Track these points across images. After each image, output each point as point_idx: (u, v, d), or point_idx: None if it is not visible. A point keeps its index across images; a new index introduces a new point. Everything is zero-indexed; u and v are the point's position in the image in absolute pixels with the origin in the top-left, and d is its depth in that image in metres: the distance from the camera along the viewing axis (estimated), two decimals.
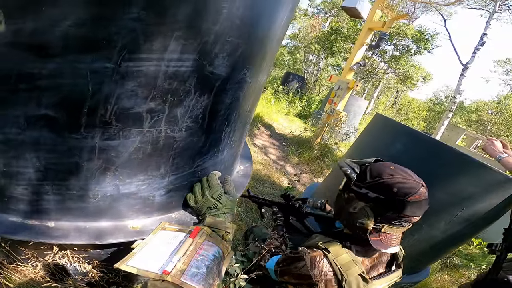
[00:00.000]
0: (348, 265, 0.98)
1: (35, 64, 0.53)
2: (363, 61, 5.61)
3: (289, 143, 5.82)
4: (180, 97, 0.66)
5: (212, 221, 0.82)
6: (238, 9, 0.64)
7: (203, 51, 0.63)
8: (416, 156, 1.71)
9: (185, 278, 0.63)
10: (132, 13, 0.52)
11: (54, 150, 0.62)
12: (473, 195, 1.59)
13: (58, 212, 0.71)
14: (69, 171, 0.66)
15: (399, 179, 0.92)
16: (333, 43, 13.52)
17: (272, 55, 0.99)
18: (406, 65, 13.80)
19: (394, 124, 2.10)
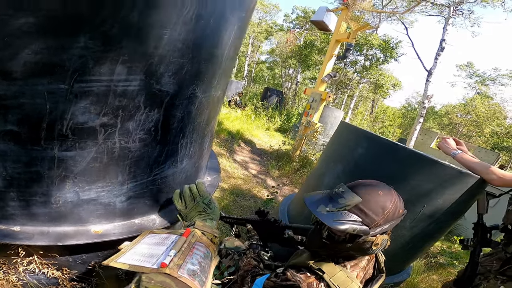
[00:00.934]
0: (345, 283, 0.95)
1: (1, 86, 0.62)
2: (333, 73, 5.91)
3: (269, 157, 5.94)
4: (131, 112, 0.77)
5: (202, 224, 0.89)
6: (179, 34, 0.76)
7: (149, 72, 0.74)
8: (376, 158, 1.81)
9: (182, 272, 0.65)
10: (80, 43, 0.62)
11: (19, 160, 0.71)
12: (430, 191, 1.66)
13: (23, 217, 0.78)
14: (32, 179, 0.74)
15: (393, 199, 0.94)
16: (307, 57, 14.12)
17: (225, 71, 1.11)
18: (376, 74, 14.54)
19: (355, 129, 2.23)
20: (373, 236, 0.93)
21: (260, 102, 10.46)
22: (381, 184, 1.00)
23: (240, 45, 1.18)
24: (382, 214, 0.91)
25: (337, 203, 0.93)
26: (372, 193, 0.94)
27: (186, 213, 0.96)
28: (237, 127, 7.00)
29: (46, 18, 0.60)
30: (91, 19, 0.63)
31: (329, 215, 0.91)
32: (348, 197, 0.93)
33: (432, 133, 10.10)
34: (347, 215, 0.91)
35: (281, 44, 17.49)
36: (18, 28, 0.59)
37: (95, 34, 0.64)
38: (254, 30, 20.00)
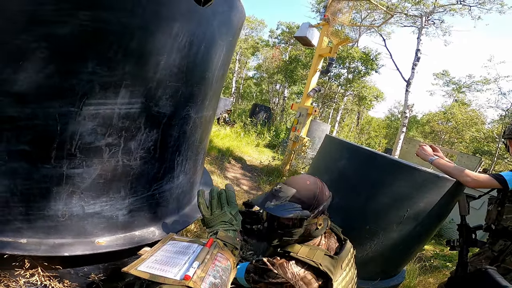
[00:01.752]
0: (311, 253, 1.12)
1: (15, 108, 0.70)
2: (318, 87, 6.13)
3: (260, 173, 6.02)
4: (133, 133, 0.85)
5: (224, 235, 0.87)
6: (174, 60, 0.86)
7: (148, 95, 0.83)
8: (358, 167, 1.91)
9: (204, 286, 0.63)
10: (88, 68, 0.71)
11: (29, 177, 0.76)
12: (411, 196, 1.76)
13: (30, 230, 0.82)
14: (41, 195, 0.79)
15: (318, 186, 1.16)
16: (293, 72, 14.53)
17: (215, 92, 1.22)
18: (359, 87, 15.06)
19: (338, 142, 2.35)
20: (315, 217, 1.14)
21: (249, 118, 10.62)
22: (306, 176, 1.21)
23: (228, 66, 1.30)
24: (314, 199, 1.12)
25: (278, 197, 1.12)
26: (302, 184, 1.15)
27: (209, 220, 0.94)
28: (227, 145, 7.09)
29: (57, 45, 0.69)
30: (98, 46, 0.72)
31: (275, 208, 1.09)
32: (286, 190, 1.13)
33: (415, 141, 10.48)
34: (290, 205, 1.09)
35: (267, 60, 17.92)
36: (32, 52, 0.67)
37: (101, 60, 0.72)
38: (241, 46, 20.44)
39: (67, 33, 0.68)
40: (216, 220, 0.94)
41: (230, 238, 0.89)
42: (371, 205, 1.81)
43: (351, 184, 1.90)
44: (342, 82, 15.74)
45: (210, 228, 0.94)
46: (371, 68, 14.72)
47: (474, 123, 15.94)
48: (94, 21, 0.70)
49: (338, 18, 6.10)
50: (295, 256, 1.11)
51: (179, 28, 0.84)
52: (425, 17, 10.15)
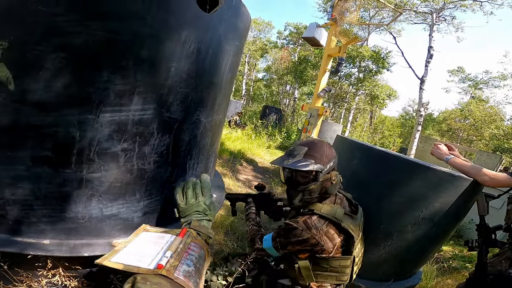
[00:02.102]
0: (333, 210, 1.22)
1: (38, 117, 0.75)
2: (328, 87, 6.10)
3: (271, 174, 6.03)
4: (146, 138, 0.89)
5: (197, 225, 0.88)
6: (184, 66, 0.90)
7: (160, 101, 0.87)
8: (371, 167, 1.89)
9: (178, 274, 0.65)
10: (104, 77, 0.75)
11: (52, 182, 0.81)
12: (426, 196, 1.71)
13: (52, 232, 0.87)
14: (63, 198, 0.84)
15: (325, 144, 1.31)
16: (303, 72, 14.43)
17: (225, 96, 1.25)
18: (370, 86, 14.79)
19: (350, 142, 2.35)
20: (328, 173, 1.25)
21: (260, 120, 10.63)
22: (314, 138, 1.39)
23: (237, 69, 1.33)
24: (324, 155, 1.24)
25: (293, 155, 1.24)
26: (311, 143, 1.29)
27: (184, 209, 0.93)
28: (238, 147, 7.13)
29: (74, 54, 0.73)
30: (111, 55, 0.76)
31: (293, 163, 1.21)
32: (299, 149, 1.26)
33: (432, 140, 10.20)
34: (304, 160, 1.21)
35: (276, 61, 17.92)
36: (51, 62, 0.72)
37: (115, 68, 0.77)
38: (249, 48, 20.52)
39: (82, 43, 0.73)
40: (190, 210, 0.93)
41: (203, 228, 0.90)
42: (385, 206, 1.79)
43: (364, 184, 1.88)
44: (353, 81, 15.52)
45: (184, 218, 0.94)
46: (382, 66, 14.46)
47: (493, 120, 15.37)
48: (106, 31, 0.75)
49: (346, 17, 6.05)
50: (317, 212, 1.21)
51: (187, 35, 0.88)
52: (436, 14, 9.91)
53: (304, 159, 1.21)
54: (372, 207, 1.44)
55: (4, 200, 0.83)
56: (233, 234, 3.04)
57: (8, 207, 0.83)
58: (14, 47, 0.71)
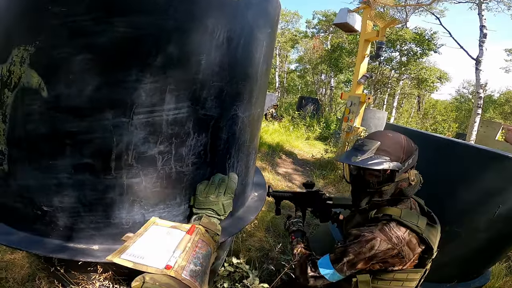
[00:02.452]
0: (411, 216, 1.02)
1: (74, 123, 0.73)
2: (369, 73, 5.72)
3: (312, 167, 5.84)
4: (182, 138, 0.84)
5: (207, 222, 0.88)
6: (215, 58, 0.82)
7: (194, 98, 0.81)
8: (430, 157, 1.68)
9: (185, 274, 0.66)
10: (133, 76, 0.71)
11: (95, 188, 0.80)
12: (503, 190, 1.50)
13: (100, 237, 0.88)
14: (107, 204, 0.83)
15: (401, 136, 1.12)
16: (338, 60, 13.80)
17: (261, 88, 1.16)
18: (416, 69, 13.65)
19: (402, 130, 2.13)
20: (405, 172, 1.04)
21: (296, 111, 10.41)
22: (385, 130, 1.15)
23: (271, 60, 1.23)
24: (402, 149, 1.03)
25: (363, 151, 1.04)
26: (384, 136, 1.08)
27: (200, 203, 0.90)
28: (276, 140, 7.05)
29: (100, 54, 0.70)
30: (137, 52, 0.72)
31: (362, 161, 1.02)
32: (369, 144, 1.05)
33: (495, 124, 8.99)
34: (376, 157, 1.01)
35: (309, 51, 17.42)
36: (79, 65, 0.69)
37: (143, 67, 0.72)
38: (279, 40, 20.25)
39: (107, 41, 0.70)
40: (206, 205, 0.90)
41: (212, 225, 0.88)
42: (451, 203, 1.58)
43: (423, 178, 1.69)
44: (395, 65, 14.38)
45: (197, 210, 0.91)
46: (428, 48, 13.14)
47: None
48: (129, 27, 0.70)
49: (380, 0, 5.56)
50: (396, 218, 1.01)
51: (214, 24, 0.80)
52: None
53: (377, 156, 1.01)
54: (435, 207, 1.24)
55: (53, 207, 0.84)
56: (274, 231, 2.98)
57: (58, 214, 0.85)
58: (41, 52, 0.69)
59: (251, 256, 2.26)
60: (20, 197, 0.86)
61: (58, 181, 0.80)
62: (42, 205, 0.84)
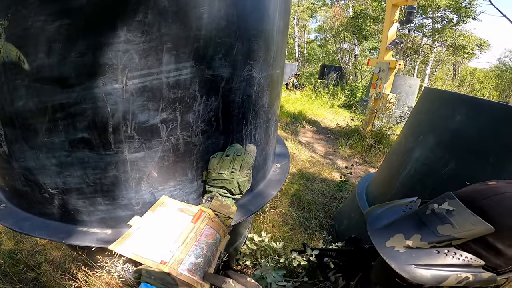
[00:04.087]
0: None
1: (62, 95, 0.63)
2: (399, 39, 5.15)
3: (337, 136, 5.58)
4: (188, 103, 0.71)
5: (218, 205, 0.78)
6: (219, 11, 0.66)
7: (197, 57, 0.67)
8: (485, 126, 1.45)
9: (182, 269, 0.62)
10: (121, 37, 0.58)
11: (96, 166, 0.72)
12: None
13: (111, 220, 0.81)
14: (112, 183, 0.75)
15: None
16: (361, 27, 12.73)
17: (279, 48, 0.98)
18: (452, 36, 12.31)
19: (448, 95, 1.87)
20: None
21: (319, 80, 9.91)
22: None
23: (289, 16, 1.03)
24: None
25: (432, 233, 0.51)
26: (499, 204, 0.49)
27: (213, 179, 0.80)
28: (298, 109, 6.79)
29: (80, 18, 0.58)
30: (122, 10, 0.58)
31: (410, 254, 0.50)
32: (464, 223, 0.50)
33: None
34: (454, 254, 0.50)
35: (328, 19, 16.15)
36: (57, 31, 0.58)
37: (131, 25, 0.58)
38: (296, 10, 18.96)
39: (84, 2, 0.56)
40: (219, 183, 0.79)
41: (224, 208, 0.78)
42: (504, 177, 1.34)
43: (473, 147, 1.46)
44: (428, 32, 12.97)
45: (210, 187, 0.82)
46: (466, 15, 11.59)
47: None
48: None
49: None
50: None
51: None
52: None
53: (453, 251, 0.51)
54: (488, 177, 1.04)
55: (58, 189, 0.78)
56: (298, 205, 2.89)
57: (65, 196, 0.79)
58: (15, 24, 0.59)
59: (274, 233, 2.19)
60: (26, 179, 0.80)
61: (58, 160, 0.72)
62: (48, 187, 0.78)
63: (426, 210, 0.54)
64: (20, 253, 1.78)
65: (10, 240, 1.89)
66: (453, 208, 0.51)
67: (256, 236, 1.57)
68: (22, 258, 1.72)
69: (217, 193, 0.81)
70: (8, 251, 1.80)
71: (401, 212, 0.58)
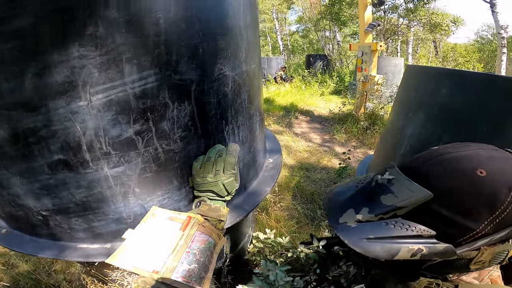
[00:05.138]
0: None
1: (29, 119, 0.61)
2: (376, 22, 5.13)
3: (331, 122, 5.56)
4: (160, 112, 0.68)
5: (207, 209, 0.77)
6: (176, 13, 0.63)
7: (161, 63, 0.64)
8: (471, 97, 1.42)
9: (176, 276, 0.61)
10: (74, 53, 0.55)
11: (79, 185, 0.70)
12: None
13: (109, 235, 0.81)
14: (99, 200, 0.73)
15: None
16: (339, 14, 12.71)
17: (250, 42, 0.95)
18: (426, 15, 12.36)
19: (431, 70, 1.86)
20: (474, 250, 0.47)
21: (306, 70, 9.89)
22: (485, 150, 0.48)
23: (256, 12, 1.00)
24: (489, 215, 0.44)
25: (378, 204, 0.48)
26: (461, 175, 0.45)
27: (199, 184, 0.78)
28: (290, 101, 6.76)
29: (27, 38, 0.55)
30: (68, 26, 0.55)
31: (361, 228, 0.47)
32: (403, 191, 0.47)
33: None
34: (402, 225, 0.46)
35: (306, 10, 16.09)
36: (9, 54, 0.55)
37: (82, 40, 0.56)
38: (273, 3, 18.88)
39: (26, 23, 0.54)
40: (205, 187, 0.78)
41: (214, 211, 0.77)
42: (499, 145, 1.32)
43: (463, 119, 1.45)
44: (402, 13, 13.00)
45: (197, 192, 0.80)
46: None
47: None
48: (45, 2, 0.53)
49: None
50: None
51: None
52: None
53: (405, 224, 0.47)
54: None
55: (49, 211, 0.76)
56: (301, 197, 2.86)
57: (57, 217, 0.78)
58: None
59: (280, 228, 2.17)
60: (17, 205, 0.79)
61: (41, 183, 0.71)
62: (39, 210, 0.77)
63: (372, 182, 0.53)
64: (38, 274, 1.81)
65: (25, 262, 1.92)
66: (393, 177, 0.50)
67: (261, 234, 1.55)
68: (42, 279, 1.74)
69: (205, 197, 0.80)
70: (27, 273, 1.83)
71: (354, 187, 0.55)
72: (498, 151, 0.48)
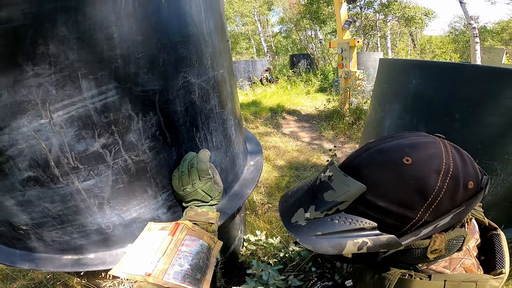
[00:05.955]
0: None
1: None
2: (352, 18, 5.26)
3: (318, 120, 5.62)
4: (125, 124, 0.69)
5: (193, 214, 0.80)
6: (130, 27, 0.64)
7: (120, 77, 0.65)
8: (440, 86, 1.46)
9: (167, 278, 0.62)
10: (28, 72, 0.56)
11: (53, 200, 0.71)
12: None
13: (90, 245, 0.82)
14: (75, 212, 0.74)
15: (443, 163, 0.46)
16: (317, 12, 12.91)
17: (215, 48, 0.95)
18: (399, 9, 12.69)
19: (400, 62, 1.91)
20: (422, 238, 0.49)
21: (291, 70, 9.99)
22: (411, 138, 0.50)
23: (220, 17, 1.01)
24: (423, 202, 0.45)
25: (322, 201, 0.50)
26: (388, 165, 0.47)
27: (182, 196, 0.82)
28: (276, 102, 6.80)
29: None
30: (19, 46, 0.55)
31: (309, 226, 0.49)
32: (341, 186, 0.49)
33: (498, 49, 8.31)
34: (345, 220, 0.48)
35: (286, 10, 16.30)
36: None
37: (35, 59, 0.56)
38: (254, 6, 19.05)
39: None
40: (188, 197, 0.81)
41: (201, 215, 0.80)
42: (474, 130, 1.35)
43: (436, 108, 1.49)
44: (378, 8, 13.31)
45: (184, 203, 0.84)
46: None
47: None
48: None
49: None
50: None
51: None
52: None
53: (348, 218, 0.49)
54: (457, 138, 1.02)
55: (29, 225, 0.77)
56: None
57: (38, 230, 0.78)
58: None
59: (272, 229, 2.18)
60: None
61: (16, 200, 0.71)
62: (19, 225, 0.78)
63: (317, 181, 0.55)
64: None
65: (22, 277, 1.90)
66: (332, 173, 0.52)
67: (251, 236, 1.56)
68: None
69: (192, 205, 0.83)
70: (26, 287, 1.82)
71: (304, 188, 0.58)
72: (427, 137, 0.50)
